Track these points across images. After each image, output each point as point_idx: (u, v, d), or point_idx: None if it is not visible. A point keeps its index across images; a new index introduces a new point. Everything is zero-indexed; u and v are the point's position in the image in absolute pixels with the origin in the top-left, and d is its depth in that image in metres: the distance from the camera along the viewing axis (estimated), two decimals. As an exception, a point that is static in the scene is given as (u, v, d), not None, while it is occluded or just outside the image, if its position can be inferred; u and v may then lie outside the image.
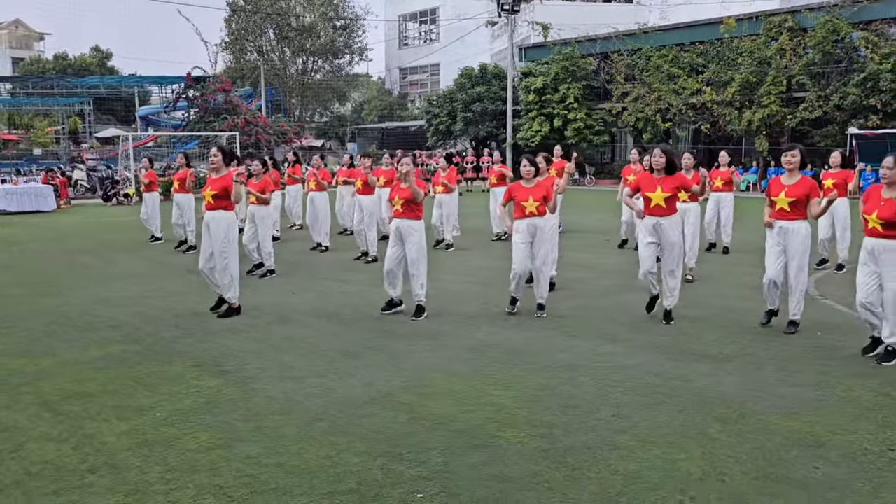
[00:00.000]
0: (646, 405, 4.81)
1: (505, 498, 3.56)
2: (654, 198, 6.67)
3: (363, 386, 5.23)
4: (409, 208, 7.00)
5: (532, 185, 7.10)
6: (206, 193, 7.36)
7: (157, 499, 3.57)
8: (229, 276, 7.27)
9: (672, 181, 6.70)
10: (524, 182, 7.14)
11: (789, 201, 6.30)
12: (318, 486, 3.71)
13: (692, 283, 8.96)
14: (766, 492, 3.61)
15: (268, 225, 9.81)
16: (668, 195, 6.65)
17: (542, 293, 7.32)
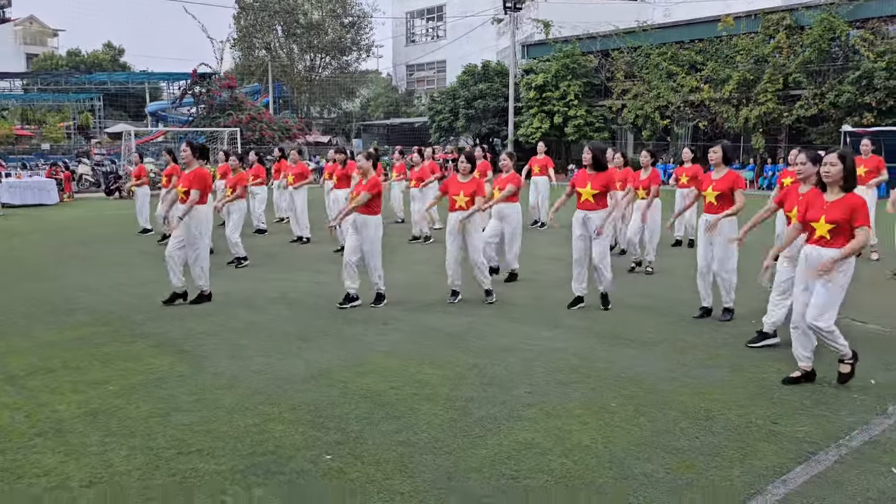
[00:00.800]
0: (562, 383, 5.17)
1: (402, 459, 3.94)
2: (583, 193, 7.02)
3: (306, 365, 5.62)
4: (367, 203, 7.36)
5: (466, 181, 7.43)
6: (178, 188, 7.75)
7: (93, 458, 3.97)
8: (199, 266, 7.63)
9: (601, 178, 7.01)
10: (460, 177, 7.48)
11: (716, 195, 6.62)
12: (240, 448, 4.10)
13: (651, 275, 9.29)
14: (641, 457, 3.96)
15: (239, 217, 10.14)
16: (597, 192, 6.98)
17: (482, 281, 7.69)
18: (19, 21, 76.84)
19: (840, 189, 4.64)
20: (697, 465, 3.88)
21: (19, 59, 72.60)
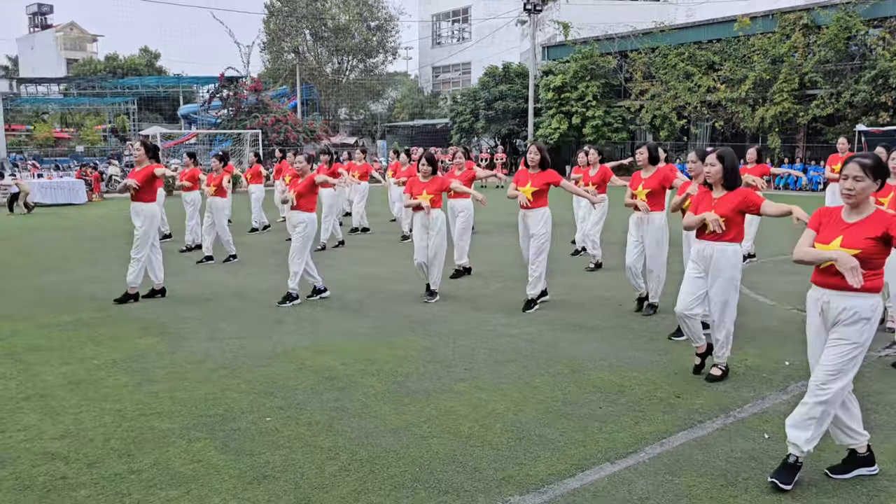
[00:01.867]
0: (500, 362, 5.68)
1: (332, 422, 4.49)
2: (523, 191, 7.29)
3: (273, 345, 6.21)
4: (300, 201, 7.71)
5: (427, 181, 7.81)
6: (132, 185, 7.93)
7: (67, 417, 4.59)
8: (140, 262, 7.89)
9: (542, 177, 7.31)
10: (421, 178, 7.86)
11: (646, 192, 7.02)
12: (194, 411, 4.69)
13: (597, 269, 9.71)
14: (542, 423, 4.45)
15: (224, 215, 10.71)
16: (536, 189, 7.29)
17: (433, 279, 7.96)
18: (60, 27, 79.15)
19: (723, 187, 5.02)
20: (590, 429, 4.36)
21: (60, 64, 74.68)
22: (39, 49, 77.29)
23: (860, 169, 3.44)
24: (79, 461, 3.94)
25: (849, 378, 3.50)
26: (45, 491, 3.61)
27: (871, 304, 3.44)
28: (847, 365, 3.47)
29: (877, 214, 3.47)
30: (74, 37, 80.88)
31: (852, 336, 3.45)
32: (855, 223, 3.49)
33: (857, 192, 3.46)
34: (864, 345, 3.47)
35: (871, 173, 3.44)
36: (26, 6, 79.06)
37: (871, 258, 3.41)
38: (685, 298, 5.08)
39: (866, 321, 3.42)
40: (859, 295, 3.42)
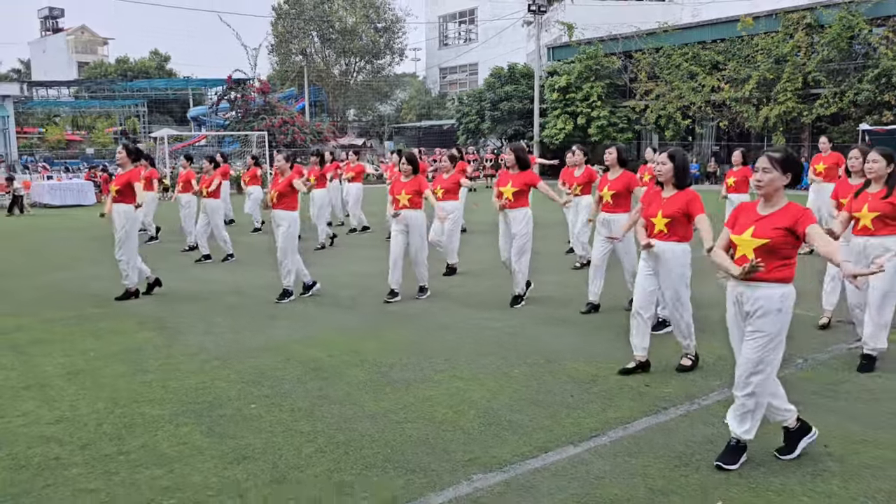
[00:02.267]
0: (480, 354, 5.89)
1: (313, 408, 4.72)
2: (504, 191, 7.45)
3: (265, 339, 6.46)
4: (282, 200, 7.88)
5: (408, 181, 7.92)
6: (111, 188, 8.31)
7: (64, 404, 4.84)
8: (125, 262, 8.17)
9: (521, 177, 7.46)
10: (402, 177, 7.97)
11: (611, 194, 7.16)
12: (184, 398, 4.93)
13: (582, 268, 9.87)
14: (514, 409, 4.67)
15: (219, 215, 10.91)
16: (516, 190, 7.40)
17: (420, 278, 8.14)
18: (72, 30, 79.90)
19: (673, 186, 5.19)
20: (559, 415, 4.57)
21: (72, 67, 75.31)
22: (51, 52, 78.00)
23: (768, 161, 3.64)
24: (72, 443, 4.19)
25: (772, 368, 3.67)
26: (39, 470, 3.85)
27: (781, 294, 3.60)
28: (767, 356, 3.64)
29: (788, 207, 3.66)
30: (85, 40, 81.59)
31: (766, 327, 3.62)
32: (767, 215, 3.68)
33: (765, 184, 3.65)
34: (779, 335, 3.64)
35: (780, 166, 3.63)
36: (38, 10, 79.86)
37: (780, 248, 3.59)
38: (639, 296, 5.24)
39: (778, 311, 3.59)
40: (770, 286, 3.60)
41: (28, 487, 3.67)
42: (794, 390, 4.37)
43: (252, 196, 14.31)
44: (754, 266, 3.45)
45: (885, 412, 4.56)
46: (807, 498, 3.48)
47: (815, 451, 3.95)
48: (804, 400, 4.54)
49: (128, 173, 8.18)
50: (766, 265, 3.55)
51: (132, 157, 8.34)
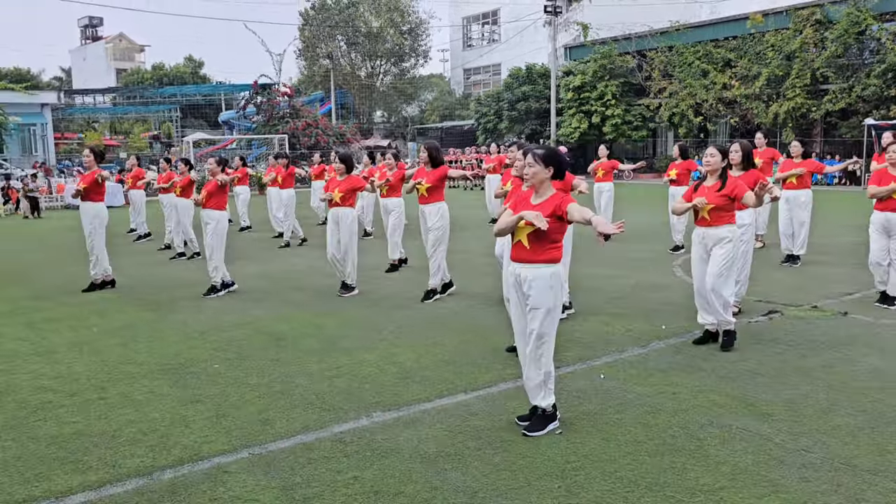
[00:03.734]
0: (424, 328, 6.80)
1: (264, 367, 5.67)
2: (420, 187, 8.06)
3: (242, 316, 7.45)
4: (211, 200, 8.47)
5: (342, 179, 8.38)
6: (79, 187, 9.06)
7: (63, 366, 5.87)
8: (95, 255, 8.96)
9: (434, 174, 7.96)
10: (338, 176, 8.52)
11: (427, 186, 7.89)
12: (161, 362, 5.93)
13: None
14: (431, 369, 5.56)
15: (188, 215, 11.41)
16: (430, 185, 7.92)
17: (347, 274, 8.47)
18: (110, 38, 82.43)
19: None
20: (464, 371, 5.46)
21: (110, 74, 77.67)
22: (91, 60, 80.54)
23: (532, 157, 4.26)
24: (63, 392, 5.21)
25: (552, 339, 4.31)
26: (34, 409, 4.87)
27: (550, 273, 4.24)
28: (547, 329, 4.27)
29: (552, 196, 4.30)
30: (123, 47, 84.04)
31: (541, 303, 4.21)
32: (537, 204, 4.29)
33: (531, 177, 4.30)
34: (554, 308, 4.27)
35: (542, 161, 4.25)
36: (78, 19, 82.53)
37: (549, 233, 4.15)
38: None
39: (550, 287, 4.20)
40: (541, 266, 4.23)
41: (24, 420, 4.68)
42: (651, 362, 5.21)
43: (241, 197, 15.22)
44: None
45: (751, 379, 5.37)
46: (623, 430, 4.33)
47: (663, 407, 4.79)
48: (672, 367, 5.38)
49: (91, 173, 8.88)
50: (535, 248, 4.24)
51: (98, 159, 9.12)
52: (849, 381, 5.08)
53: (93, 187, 8.92)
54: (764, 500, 3.44)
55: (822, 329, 6.49)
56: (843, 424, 4.31)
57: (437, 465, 3.89)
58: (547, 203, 4.27)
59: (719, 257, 5.82)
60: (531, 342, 4.29)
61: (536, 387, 4.36)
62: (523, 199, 4.45)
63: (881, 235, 7.23)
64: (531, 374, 4.36)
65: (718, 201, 5.80)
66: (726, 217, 5.85)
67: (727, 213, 5.85)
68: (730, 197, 5.80)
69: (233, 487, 3.70)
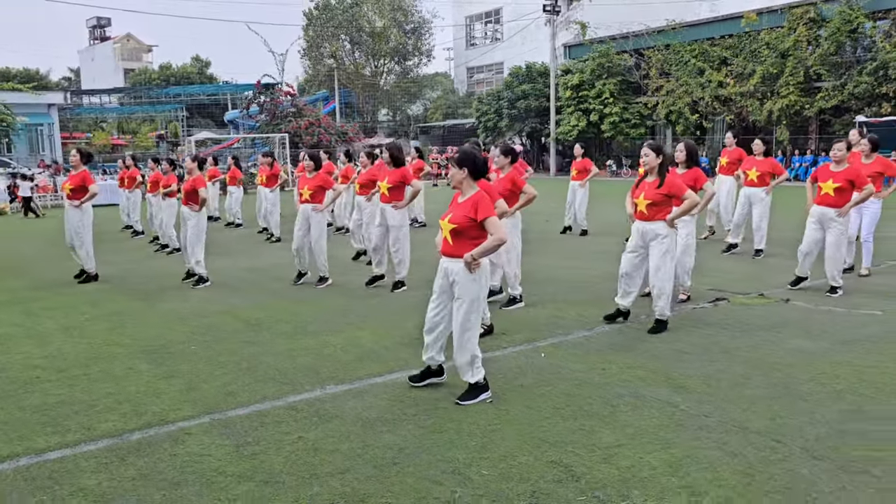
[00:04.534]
0: (391, 315, 7.27)
1: (237, 348, 6.17)
2: (381, 186, 8.49)
3: (224, 305, 7.95)
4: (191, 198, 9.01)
5: (312, 178, 8.72)
6: (65, 187, 9.51)
7: (54, 347, 6.38)
8: (85, 251, 9.45)
9: (396, 173, 8.34)
10: (308, 174, 8.91)
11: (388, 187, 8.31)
12: (143, 343, 6.43)
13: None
14: (388, 348, 6.04)
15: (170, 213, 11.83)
16: (391, 185, 8.30)
17: (319, 265, 8.89)
18: (118, 39, 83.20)
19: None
20: (419, 352, 5.90)
21: (118, 74, 78.44)
22: (99, 60, 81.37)
23: (453, 162, 4.82)
24: (51, 369, 5.71)
25: (477, 326, 4.77)
26: (23, 384, 5.37)
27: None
28: (471, 317, 4.69)
29: (474, 196, 4.74)
30: (131, 47, 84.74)
31: (464, 294, 4.67)
32: (460, 203, 4.78)
33: (451, 178, 4.85)
34: (477, 299, 4.69)
35: (457, 164, 4.78)
36: (86, 20, 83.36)
37: (467, 230, 4.67)
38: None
39: (473, 280, 4.66)
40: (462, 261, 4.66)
41: (13, 393, 5.18)
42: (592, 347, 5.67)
43: (234, 196, 15.76)
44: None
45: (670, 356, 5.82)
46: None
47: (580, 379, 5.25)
48: (610, 347, 5.84)
49: (80, 174, 9.42)
50: (457, 244, 4.72)
51: (84, 160, 9.62)
52: (768, 358, 5.53)
53: (80, 187, 9.39)
54: (653, 454, 3.90)
55: (760, 314, 6.93)
56: (748, 395, 4.76)
57: (375, 428, 4.37)
58: (468, 202, 4.76)
59: (657, 253, 6.26)
60: (457, 329, 4.76)
61: (465, 367, 4.83)
62: (454, 198, 4.93)
63: (815, 228, 7.67)
64: (459, 358, 4.82)
65: (656, 197, 6.23)
66: (663, 213, 6.26)
67: (664, 209, 6.27)
68: (667, 194, 6.23)
69: (191, 446, 4.19)
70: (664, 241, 6.23)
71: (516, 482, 3.63)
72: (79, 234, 9.45)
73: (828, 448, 3.93)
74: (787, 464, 3.77)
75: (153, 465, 3.95)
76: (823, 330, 6.29)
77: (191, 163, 9.28)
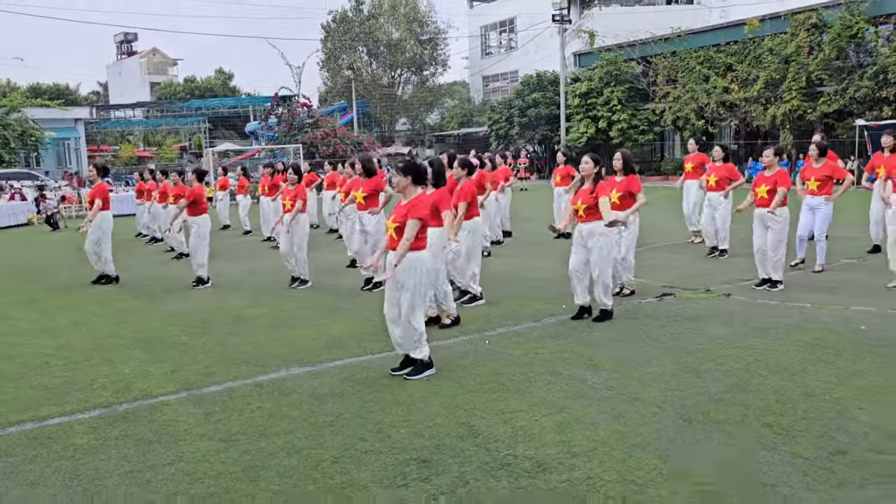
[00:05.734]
0: (367, 311, 8.02)
1: (222, 339, 6.98)
2: (357, 196, 9.33)
3: (222, 303, 8.79)
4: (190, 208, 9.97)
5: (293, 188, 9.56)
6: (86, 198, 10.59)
7: (64, 339, 7.25)
8: (104, 257, 10.43)
9: (369, 183, 9.18)
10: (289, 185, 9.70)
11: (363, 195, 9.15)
12: (141, 335, 7.28)
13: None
14: (354, 337, 6.82)
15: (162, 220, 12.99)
16: (366, 194, 9.12)
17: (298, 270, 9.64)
18: (144, 53, 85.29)
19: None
20: (382, 341, 6.68)
21: (145, 87, 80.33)
22: (126, 74, 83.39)
23: (395, 169, 5.66)
24: (59, 356, 6.57)
25: (420, 310, 5.59)
26: (35, 368, 6.24)
27: (413, 257, 5.46)
28: (415, 303, 5.47)
29: (412, 201, 5.53)
30: (157, 61, 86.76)
31: (405, 280, 5.44)
32: (403, 205, 5.58)
33: (395, 185, 5.68)
34: (418, 285, 5.47)
35: (401, 172, 5.61)
36: (114, 35, 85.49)
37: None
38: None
39: (413, 269, 5.44)
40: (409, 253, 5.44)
41: (25, 376, 6.04)
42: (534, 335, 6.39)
43: (241, 204, 16.68)
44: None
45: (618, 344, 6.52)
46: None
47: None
48: (550, 335, 6.57)
49: (97, 187, 10.36)
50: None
51: (100, 173, 10.60)
52: (686, 344, 6.21)
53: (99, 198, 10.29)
54: (547, 417, 4.62)
55: (698, 307, 7.60)
56: (652, 372, 5.46)
57: (323, 400, 5.14)
58: (409, 204, 5.57)
59: (595, 250, 6.98)
60: (403, 312, 5.53)
61: (411, 345, 5.60)
62: (398, 202, 5.74)
63: (758, 228, 8.32)
64: (406, 335, 5.57)
65: (590, 201, 6.95)
66: (598, 215, 6.97)
67: (598, 212, 6.98)
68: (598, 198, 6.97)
69: (167, 413, 5.00)
70: (601, 239, 6.94)
71: (426, 438, 4.38)
72: (99, 242, 10.35)
73: (700, 413, 4.62)
74: (659, 425, 4.47)
75: (134, 428, 4.76)
76: (746, 320, 6.95)
77: (191, 175, 10.16)
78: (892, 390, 4.92)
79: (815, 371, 5.36)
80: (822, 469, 3.78)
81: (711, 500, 3.54)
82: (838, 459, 3.89)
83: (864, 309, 7.22)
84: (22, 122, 33.21)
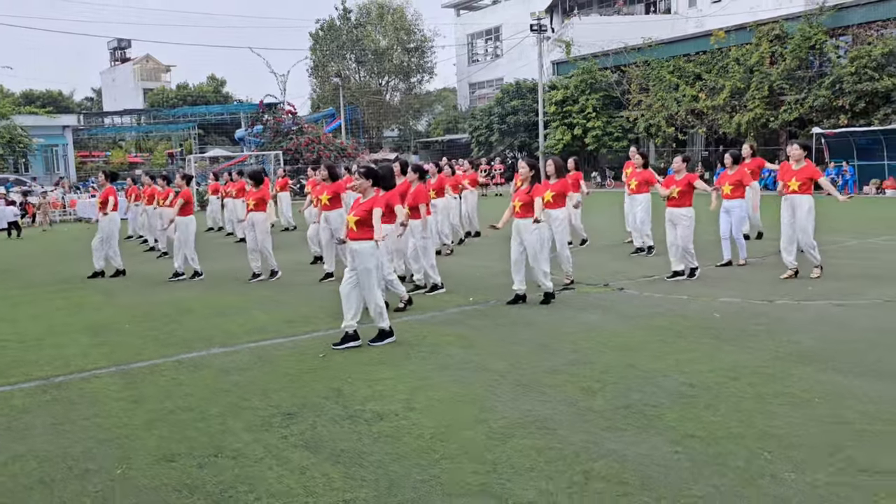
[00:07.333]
0: (293, 301, 8.98)
1: (163, 325, 7.92)
2: (322, 198, 10.34)
3: (173, 297, 9.72)
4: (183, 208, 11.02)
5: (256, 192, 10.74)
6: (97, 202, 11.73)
7: (20, 327, 8.18)
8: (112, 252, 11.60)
9: (332, 186, 10.35)
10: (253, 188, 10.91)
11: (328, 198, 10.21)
12: (91, 323, 8.22)
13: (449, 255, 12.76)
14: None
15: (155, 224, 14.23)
16: (330, 197, 10.19)
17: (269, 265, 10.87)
18: (137, 60, 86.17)
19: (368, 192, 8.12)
20: (298, 326, 7.63)
21: (138, 93, 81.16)
22: (120, 80, 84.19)
23: (358, 173, 6.77)
24: (14, 341, 7.53)
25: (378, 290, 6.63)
26: (16, 349, 7.19)
27: (369, 246, 6.56)
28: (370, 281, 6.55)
29: (371, 199, 6.68)
30: (150, 68, 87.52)
31: (362, 264, 6.54)
32: (363, 203, 6.75)
33: (356, 186, 6.90)
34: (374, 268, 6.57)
35: (364, 175, 6.77)
36: (107, 42, 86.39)
37: (367, 221, 6.59)
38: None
39: (369, 255, 6.56)
40: (362, 242, 6.56)
41: (-18, 355, 7.00)
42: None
43: (228, 206, 17.69)
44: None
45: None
46: (372, 354, 6.47)
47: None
48: (460, 321, 7.53)
49: (106, 190, 11.60)
50: (360, 231, 6.57)
51: (108, 179, 11.83)
52: (557, 329, 7.16)
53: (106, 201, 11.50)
54: (405, 382, 5.57)
55: (588, 299, 8.56)
56: (512, 350, 6.41)
57: (228, 373, 6.09)
58: (367, 202, 6.76)
59: (530, 243, 8.07)
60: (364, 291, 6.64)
61: (376, 317, 6.72)
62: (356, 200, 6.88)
63: (669, 226, 9.38)
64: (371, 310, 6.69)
65: (526, 199, 8.06)
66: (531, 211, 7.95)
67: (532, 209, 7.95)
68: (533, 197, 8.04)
69: (95, 384, 5.94)
70: (534, 233, 7.99)
71: (298, 398, 5.33)
72: (108, 239, 11.45)
73: (532, 380, 5.57)
74: (495, 388, 5.41)
75: (64, 393, 5.71)
76: (621, 310, 7.91)
77: (180, 180, 11.28)
78: (701, 361, 5.87)
79: (650, 349, 6.32)
80: (601, 418, 4.73)
81: (497, 436, 4.48)
82: (620, 412, 4.84)
83: (730, 300, 8.18)
84: (10, 129, 34.15)
